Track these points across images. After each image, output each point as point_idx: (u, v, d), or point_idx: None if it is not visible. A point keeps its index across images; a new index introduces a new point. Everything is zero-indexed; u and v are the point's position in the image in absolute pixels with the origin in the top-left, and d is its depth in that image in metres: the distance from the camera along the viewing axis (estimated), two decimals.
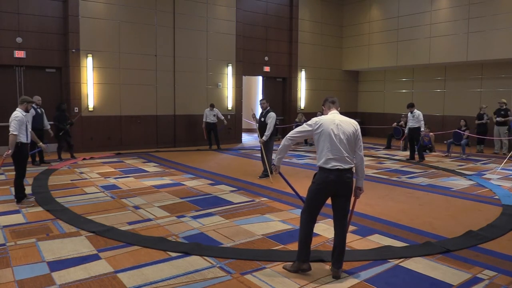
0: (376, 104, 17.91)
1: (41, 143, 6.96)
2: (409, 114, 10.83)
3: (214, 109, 12.99)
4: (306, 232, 3.73)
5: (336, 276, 3.67)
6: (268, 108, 8.38)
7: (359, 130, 3.71)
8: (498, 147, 12.43)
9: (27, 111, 6.35)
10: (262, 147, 8.29)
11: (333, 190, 3.63)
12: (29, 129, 6.29)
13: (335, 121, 3.66)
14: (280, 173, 4.03)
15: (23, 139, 6.05)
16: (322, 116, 3.80)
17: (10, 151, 5.94)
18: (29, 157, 6.88)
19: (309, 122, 3.75)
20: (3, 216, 5.49)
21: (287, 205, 6.21)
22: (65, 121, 10.12)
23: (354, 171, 3.75)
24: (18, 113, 6.10)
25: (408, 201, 6.62)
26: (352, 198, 3.82)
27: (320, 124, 3.66)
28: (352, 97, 18.58)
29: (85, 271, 3.78)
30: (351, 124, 3.68)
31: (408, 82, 16.73)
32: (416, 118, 10.63)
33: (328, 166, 3.58)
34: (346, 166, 3.60)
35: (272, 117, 8.13)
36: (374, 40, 16.70)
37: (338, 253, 3.70)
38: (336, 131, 3.61)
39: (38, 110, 9.47)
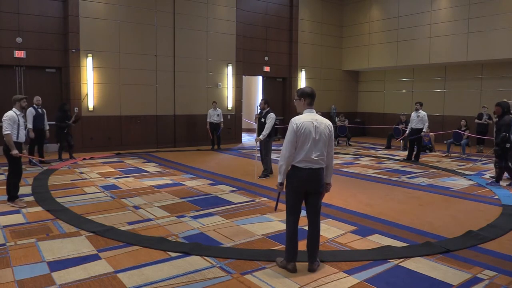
0: (376, 104, 17.91)
1: (14, 151, 5.92)
2: (413, 113, 10.69)
3: (218, 108, 12.98)
4: (290, 230, 3.86)
5: (311, 269, 3.83)
6: (268, 109, 8.44)
7: (332, 130, 3.86)
8: None
9: (22, 109, 6.35)
10: (261, 147, 8.44)
11: (306, 187, 3.79)
12: (23, 128, 6.27)
13: (314, 122, 3.76)
14: (279, 193, 4.03)
15: (14, 138, 6.03)
16: (301, 116, 3.84)
17: (14, 151, 5.92)
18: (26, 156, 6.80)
19: (293, 125, 3.75)
20: (3, 216, 5.50)
21: None
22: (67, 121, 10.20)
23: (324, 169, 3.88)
24: (10, 112, 6.09)
25: (408, 201, 6.62)
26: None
27: (303, 126, 3.73)
28: (352, 97, 18.58)
29: (85, 271, 3.78)
30: (326, 126, 3.80)
31: (408, 82, 16.73)
32: (420, 119, 10.47)
33: (302, 165, 3.73)
34: (318, 166, 3.77)
35: (271, 117, 8.25)
36: (374, 40, 16.70)
37: (312, 248, 3.87)
38: (314, 133, 3.73)
39: (39, 110, 9.48)
